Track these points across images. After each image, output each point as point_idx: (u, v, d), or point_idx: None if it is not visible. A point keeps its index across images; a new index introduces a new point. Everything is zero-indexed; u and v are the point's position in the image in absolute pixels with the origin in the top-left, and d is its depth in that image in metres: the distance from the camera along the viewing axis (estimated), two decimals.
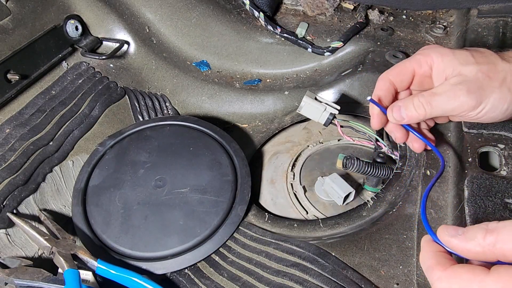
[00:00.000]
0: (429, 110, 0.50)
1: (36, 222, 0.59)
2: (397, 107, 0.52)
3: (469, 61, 0.48)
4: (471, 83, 0.47)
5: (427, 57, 0.52)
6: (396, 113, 0.52)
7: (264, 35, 0.90)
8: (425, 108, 0.50)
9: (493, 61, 0.48)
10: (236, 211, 0.61)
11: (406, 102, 0.51)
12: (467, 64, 0.48)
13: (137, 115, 0.80)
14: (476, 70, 0.47)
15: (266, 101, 0.85)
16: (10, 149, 0.64)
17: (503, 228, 0.32)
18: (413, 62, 0.53)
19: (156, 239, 0.58)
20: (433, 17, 0.91)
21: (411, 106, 0.51)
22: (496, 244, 0.32)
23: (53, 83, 0.76)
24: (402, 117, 0.52)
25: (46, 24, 0.78)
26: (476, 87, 0.47)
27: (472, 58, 0.48)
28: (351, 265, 0.52)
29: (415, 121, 0.52)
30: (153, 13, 0.89)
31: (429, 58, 0.51)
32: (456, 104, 0.47)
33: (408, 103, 0.51)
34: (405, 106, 0.51)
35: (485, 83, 0.47)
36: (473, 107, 0.47)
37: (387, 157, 0.68)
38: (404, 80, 0.54)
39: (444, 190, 0.56)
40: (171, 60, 0.90)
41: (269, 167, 0.77)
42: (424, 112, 0.50)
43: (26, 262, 0.54)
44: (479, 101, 0.47)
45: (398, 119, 0.52)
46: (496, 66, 0.47)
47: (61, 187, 0.66)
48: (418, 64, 0.53)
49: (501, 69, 0.47)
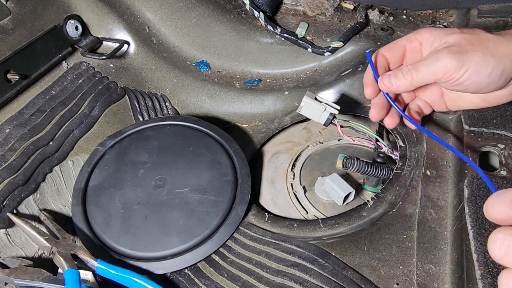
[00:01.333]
0: (415, 75, 0.53)
1: (36, 222, 0.59)
2: (387, 75, 0.55)
3: (455, 31, 0.53)
4: (453, 47, 0.51)
5: (417, 34, 0.56)
6: (386, 80, 0.55)
7: (264, 35, 0.90)
8: (412, 74, 0.53)
9: (478, 32, 0.52)
10: (236, 211, 0.61)
11: (395, 70, 0.55)
12: (452, 34, 0.52)
13: (137, 115, 0.80)
14: (459, 38, 0.51)
15: (266, 101, 0.85)
16: (10, 149, 0.64)
17: None
18: (404, 39, 0.58)
19: (156, 239, 0.58)
20: (433, 17, 0.91)
21: (399, 74, 0.54)
22: None
23: (53, 83, 0.76)
24: (391, 84, 0.55)
25: (46, 24, 0.78)
26: (458, 50, 0.50)
27: (458, 30, 0.53)
28: (351, 265, 0.52)
29: (403, 89, 0.55)
30: (153, 13, 0.89)
31: (418, 34, 0.56)
32: (439, 66, 0.50)
33: (397, 71, 0.55)
34: (394, 74, 0.55)
35: (468, 48, 0.50)
36: (455, 67, 0.50)
37: (387, 157, 0.68)
38: (395, 55, 0.58)
39: (444, 190, 0.56)
40: (171, 60, 0.90)
41: (269, 167, 0.77)
42: (411, 78, 0.53)
43: (26, 262, 0.54)
44: (461, 62, 0.49)
45: (388, 85, 0.55)
46: (481, 36, 0.51)
47: (61, 187, 0.66)
48: (408, 40, 0.57)
49: (485, 38, 0.51)
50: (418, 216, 0.55)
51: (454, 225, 0.51)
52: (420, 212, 0.55)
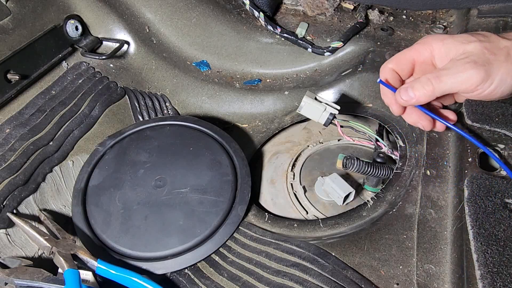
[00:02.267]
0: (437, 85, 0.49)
1: (36, 222, 0.59)
2: (403, 89, 0.51)
3: (471, 40, 0.49)
4: (477, 57, 0.48)
5: (426, 45, 0.52)
6: (404, 93, 0.51)
7: (264, 35, 0.90)
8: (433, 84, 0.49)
9: (493, 39, 0.49)
10: (236, 211, 0.61)
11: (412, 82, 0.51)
12: (469, 42, 0.49)
13: (137, 115, 0.80)
14: (480, 47, 0.48)
15: (266, 101, 0.85)
16: (10, 149, 0.64)
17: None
18: (412, 51, 0.53)
19: (156, 239, 0.58)
20: (433, 17, 0.91)
21: (418, 85, 0.50)
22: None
23: (53, 83, 0.76)
24: (410, 97, 0.51)
25: (46, 24, 0.78)
26: (483, 61, 0.47)
27: (472, 37, 0.50)
28: (351, 265, 0.52)
29: (424, 100, 0.51)
30: (153, 13, 0.89)
31: (428, 45, 0.52)
32: (465, 77, 0.47)
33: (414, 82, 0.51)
34: (412, 85, 0.50)
35: (491, 58, 0.47)
36: (482, 79, 0.47)
37: (387, 157, 0.68)
38: (404, 69, 0.54)
39: (444, 190, 0.56)
40: (171, 60, 0.90)
41: (269, 167, 0.77)
42: (432, 88, 0.49)
43: (26, 262, 0.54)
44: (488, 74, 0.47)
45: (406, 99, 0.51)
46: (498, 43, 0.49)
47: (61, 187, 0.66)
48: (417, 53, 0.53)
49: (503, 46, 0.48)
50: (418, 216, 0.55)
51: (454, 225, 0.51)
52: (420, 212, 0.55)
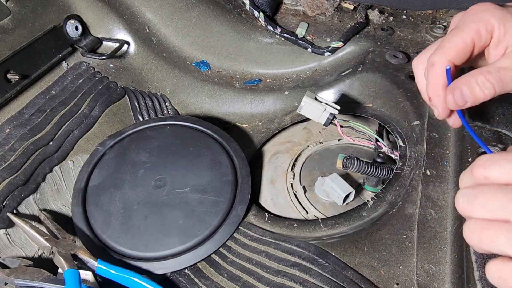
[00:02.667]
0: (500, 88, 0.41)
1: (36, 222, 0.59)
2: (458, 89, 0.42)
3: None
4: None
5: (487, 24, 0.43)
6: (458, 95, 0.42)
7: (264, 35, 0.90)
8: (495, 87, 0.41)
9: None
10: (236, 211, 0.61)
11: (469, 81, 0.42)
12: None
13: (137, 115, 0.80)
14: None
15: (266, 101, 0.85)
16: (10, 149, 0.64)
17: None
18: (472, 32, 0.43)
19: (156, 239, 0.58)
20: (433, 17, 0.91)
21: (475, 86, 0.42)
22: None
23: (53, 83, 0.76)
24: (465, 100, 0.42)
25: (46, 24, 0.78)
26: None
27: None
28: (351, 265, 0.52)
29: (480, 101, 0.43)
30: (153, 13, 0.89)
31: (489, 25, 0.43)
32: None
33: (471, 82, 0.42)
34: (468, 86, 0.42)
35: None
36: None
37: (387, 157, 0.68)
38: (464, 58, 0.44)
39: (444, 190, 0.56)
40: (171, 60, 0.90)
41: (269, 167, 0.77)
42: (493, 91, 0.42)
43: (26, 262, 0.54)
44: None
45: (461, 103, 0.43)
46: None
47: (61, 187, 0.66)
48: (477, 35, 0.43)
49: None
50: (418, 216, 0.55)
51: (454, 225, 0.51)
52: (420, 212, 0.55)
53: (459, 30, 0.44)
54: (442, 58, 0.44)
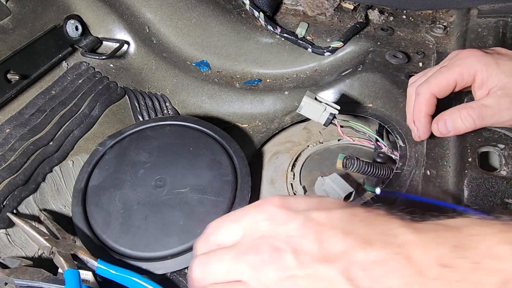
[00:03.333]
0: (479, 122, 0.49)
1: (36, 222, 0.60)
2: (442, 120, 0.51)
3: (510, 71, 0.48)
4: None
5: (470, 69, 0.50)
6: (442, 126, 0.51)
7: (264, 35, 0.90)
8: (475, 121, 0.49)
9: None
10: None
11: (453, 114, 0.50)
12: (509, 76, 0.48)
13: (137, 115, 0.80)
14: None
15: (266, 101, 0.85)
16: (10, 149, 0.64)
17: None
18: (455, 75, 0.51)
19: (156, 239, 0.58)
20: (433, 17, 0.91)
21: (458, 119, 0.50)
22: None
23: (53, 83, 0.76)
24: (448, 130, 0.51)
25: (46, 24, 0.77)
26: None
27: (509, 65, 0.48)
28: None
29: (461, 133, 0.52)
30: (153, 13, 0.89)
31: (472, 69, 0.50)
32: (508, 117, 0.48)
33: (454, 115, 0.50)
34: (452, 119, 0.50)
35: None
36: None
37: (387, 157, 0.68)
38: (445, 93, 0.53)
39: (444, 190, 0.56)
40: (171, 60, 0.90)
41: (269, 167, 0.77)
42: (473, 125, 0.49)
43: (26, 262, 0.54)
44: None
45: (444, 132, 0.51)
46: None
47: (61, 187, 0.66)
48: (460, 77, 0.51)
49: None
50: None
51: None
52: None
53: (446, 69, 0.52)
54: (426, 91, 0.52)
